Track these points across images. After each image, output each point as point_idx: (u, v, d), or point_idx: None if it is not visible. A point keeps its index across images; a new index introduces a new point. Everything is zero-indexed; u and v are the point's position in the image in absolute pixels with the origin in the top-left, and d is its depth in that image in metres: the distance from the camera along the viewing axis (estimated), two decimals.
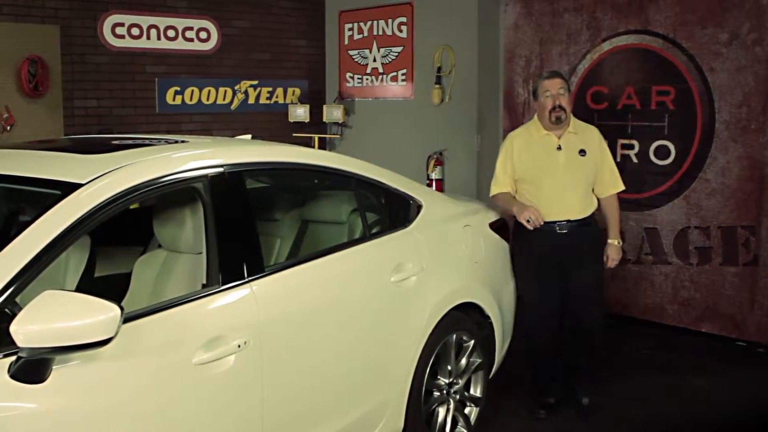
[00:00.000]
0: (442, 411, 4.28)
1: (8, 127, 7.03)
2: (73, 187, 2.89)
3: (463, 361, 4.37)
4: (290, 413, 3.36)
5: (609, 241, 4.91)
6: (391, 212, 4.24)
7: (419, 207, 4.28)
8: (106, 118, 7.64)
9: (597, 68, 6.97)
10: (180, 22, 8.11)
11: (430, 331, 4.03)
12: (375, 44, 8.72)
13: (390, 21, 8.55)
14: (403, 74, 8.44)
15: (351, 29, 8.96)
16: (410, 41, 8.36)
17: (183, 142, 3.71)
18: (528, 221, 4.64)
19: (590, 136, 4.89)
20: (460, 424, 4.37)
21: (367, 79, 8.81)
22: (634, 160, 6.76)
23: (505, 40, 7.69)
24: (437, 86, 7.99)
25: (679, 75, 6.45)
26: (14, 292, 2.56)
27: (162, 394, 2.84)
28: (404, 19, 8.42)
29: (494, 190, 4.93)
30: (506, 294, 4.80)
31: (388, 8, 8.53)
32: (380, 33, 8.65)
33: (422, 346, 3.99)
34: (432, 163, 7.83)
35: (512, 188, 4.89)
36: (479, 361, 4.47)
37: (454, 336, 4.26)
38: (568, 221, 4.76)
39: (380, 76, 8.68)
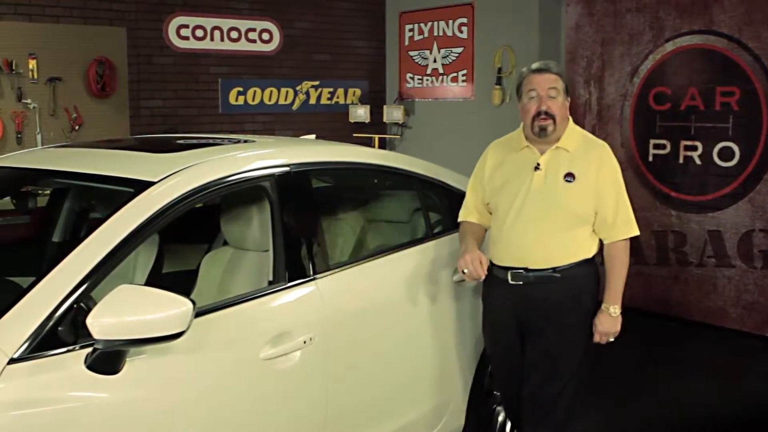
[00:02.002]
0: (502, 411, 4.29)
1: (76, 127, 7.21)
2: (146, 185, 2.96)
3: None
4: (353, 409, 3.40)
5: (603, 305, 3.61)
6: (454, 212, 4.24)
7: None
8: (171, 118, 7.78)
9: (660, 69, 6.91)
10: (243, 24, 8.23)
11: None
12: (435, 45, 8.74)
13: (450, 22, 8.57)
14: (463, 75, 8.45)
15: (411, 30, 8.99)
16: (471, 42, 8.37)
17: (250, 141, 3.77)
18: (464, 272, 3.53)
19: (591, 156, 3.55)
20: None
21: (427, 79, 8.84)
22: (698, 161, 6.68)
23: (566, 40, 7.65)
24: (497, 87, 7.99)
25: (745, 75, 6.37)
26: (90, 286, 2.64)
27: (230, 388, 2.90)
28: (465, 20, 8.43)
29: (460, 215, 3.85)
30: None
31: (449, 9, 8.55)
32: (441, 34, 8.68)
33: (483, 345, 4.01)
34: None
35: (482, 216, 3.77)
36: None
37: None
38: (525, 270, 3.54)
39: (440, 77, 8.70)
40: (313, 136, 4.58)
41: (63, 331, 2.54)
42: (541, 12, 7.70)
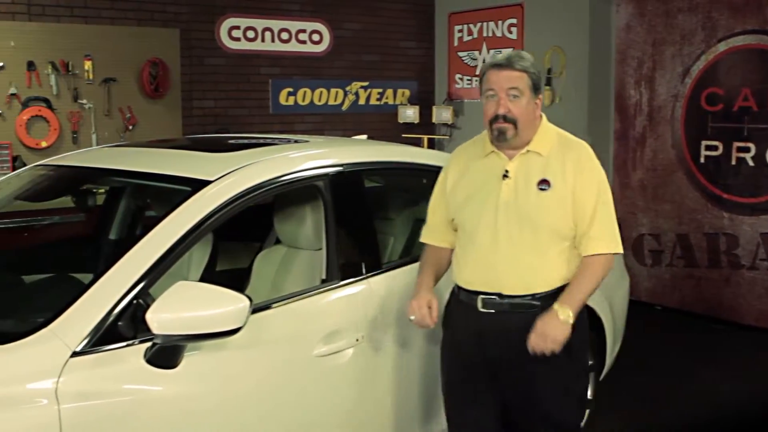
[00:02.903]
0: None
1: (130, 127, 7.33)
2: (203, 183, 3.02)
3: None
4: (401, 408, 3.43)
5: (554, 305, 2.97)
6: None
7: None
8: (222, 119, 7.88)
9: (712, 69, 6.84)
10: (293, 25, 8.30)
11: None
12: (485, 45, 8.74)
13: (500, 22, 8.56)
14: None
15: (461, 31, 9.00)
16: (520, 42, 8.36)
17: (303, 141, 3.83)
18: (411, 319, 3.13)
19: (568, 159, 3.04)
20: None
21: (476, 80, 8.84)
22: (750, 163, 6.60)
23: (616, 41, 7.60)
24: (547, 88, 7.97)
25: None
26: (148, 283, 2.71)
27: (284, 384, 2.96)
28: (514, 21, 8.42)
29: (421, 237, 3.37)
30: (618, 296, 4.75)
31: (498, 10, 8.54)
32: (490, 34, 8.67)
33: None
34: None
35: (445, 236, 3.27)
36: (590, 362, 4.45)
37: None
38: (499, 296, 3.04)
39: None
40: (364, 137, 4.62)
41: (123, 326, 2.61)
42: (591, 12, 7.66)
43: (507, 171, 3.06)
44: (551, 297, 3.00)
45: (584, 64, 7.72)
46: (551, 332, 2.93)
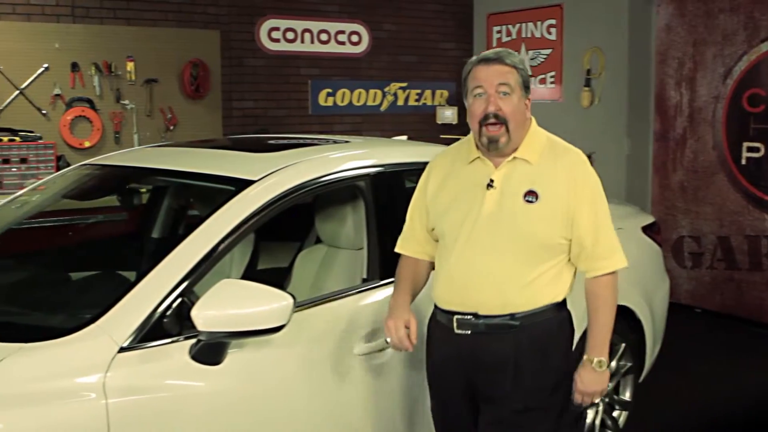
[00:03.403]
0: (590, 413, 4.28)
1: (171, 127, 7.41)
2: (246, 183, 3.06)
3: (613, 364, 4.35)
4: None
5: (585, 357, 2.89)
6: None
7: None
8: (262, 119, 7.94)
9: (754, 70, 6.77)
10: (332, 26, 8.34)
11: (581, 332, 4.03)
12: (523, 46, 8.72)
13: (539, 23, 8.54)
14: (551, 77, 8.42)
15: (499, 32, 8.99)
16: (559, 43, 8.33)
17: (344, 142, 3.86)
18: (387, 341, 2.92)
19: (560, 168, 2.80)
20: (608, 427, 4.36)
21: None
22: None
23: (656, 41, 7.55)
24: (586, 89, 7.94)
25: None
26: (193, 281, 2.75)
27: (325, 382, 2.98)
28: (553, 21, 8.39)
29: (397, 247, 3.10)
30: (658, 298, 4.74)
31: (537, 10, 8.52)
32: (529, 35, 8.65)
33: (573, 347, 4.00)
34: None
35: (424, 246, 3.02)
36: (629, 364, 4.44)
37: None
38: (475, 316, 2.81)
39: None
40: (404, 137, 4.64)
41: (168, 322, 2.66)
42: (631, 13, 7.62)
43: (492, 180, 2.80)
44: (530, 316, 2.78)
45: (624, 65, 7.68)
46: (593, 387, 2.89)
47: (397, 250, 3.07)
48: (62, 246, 4.52)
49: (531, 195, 2.77)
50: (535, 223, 2.74)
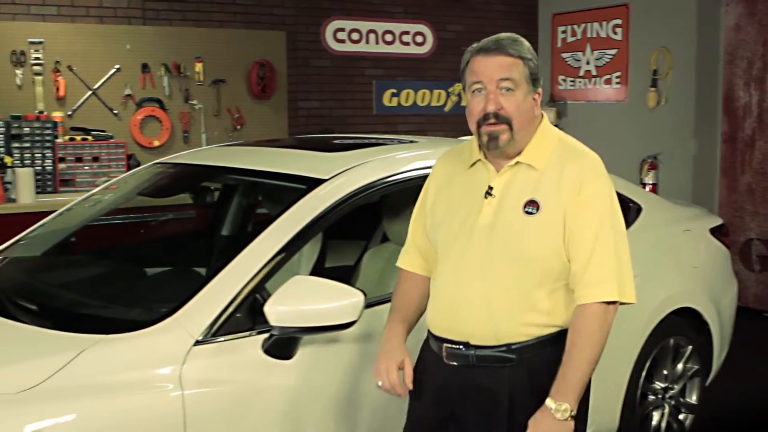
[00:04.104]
0: (656, 415, 4.25)
1: (238, 127, 7.53)
2: (317, 182, 3.12)
3: (680, 366, 4.32)
4: None
5: (547, 400, 2.33)
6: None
7: (638, 210, 4.27)
8: (327, 119, 8.02)
9: None
10: (397, 27, 8.39)
11: (648, 333, 4.02)
12: (588, 47, 8.67)
13: (604, 23, 8.48)
14: (617, 77, 8.36)
15: (564, 32, 8.95)
16: (625, 43, 8.26)
17: (411, 142, 3.89)
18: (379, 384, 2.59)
19: (567, 175, 2.41)
20: (674, 430, 4.33)
21: (579, 81, 8.78)
22: None
23: (725, 41, 7.45)
24: (653, 89, 7.86)
25: None
26: (266, 277, 2.81)
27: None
28: (619, 21, 8.33)
29: (398, 260, 2.79)
30: (726, 301, 4.69)
31: (603, 10, 8.46)
32: (594, 35, 8.60)
33: (639, 348, 3.99)
34: (646, 167, 7.71)
35: (427, 261, 2.68)
36: (696, 367, 4.40)
37: (672, 340, 4.22)
38: (465, 346, 2.46)
39: (593, 79, 8.62)
40: (470, 138, 4.65)
41: (241, 317, 2.73)
42: (699, 12, 7.53)
43: (491, 187, 2.45)
44: (529, 347, 2.41)
45: (691, 65, 7.59)
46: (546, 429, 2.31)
47: (398, 264, 2.76)
48: (137, 242, 4.63)
49: (531, 205, 2.39)
50: (534, 239, 2.37)
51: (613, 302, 2.38)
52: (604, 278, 2.35)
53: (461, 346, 2.45)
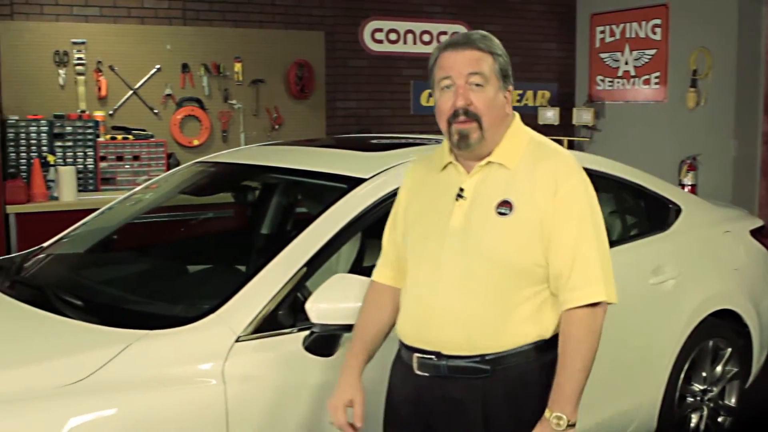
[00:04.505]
0: (695, 418, 4.23)
1: (276, 126, 7.58)
2: (358, 181, 3.14)
3: (719, 368, 4.30)
4: None
5: (546, 411, 2.24)
6: (650, 215, 4.24)
7: (678, 211, 4.25)
8: (364, 119, 8.06)
9: None
10: (435, 27, 8.41)
11: (687, 335, 4.00)
12: (627, 47, 8.63)
13: (643, 23, 8.43)
14: (656, 77, 8.31)
15: (602, 32, 8.91)
16: (664, 43, 8.21)
17: None
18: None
19: (540, 175, 2.31)
20: None
21: (618, 82, 8.74)
22: None
23: (766, 41, 7.39)
24: (692, 89, 7.81)
25: None
26: (307, 275, 2.84)
27: None
28: (658, 21, 8.28)
29: (373, 274, 2.65)
30: (766, 303, 4.65)
31: (642, 10, 8.42)
32: (633, 35, 8.56)
33: (678, 350, 3.97)
34: (685, 168, 7.66)
35: (401, 274, 2.53)
36: (735, 370, 4.37)
37: (711, 342, 4.19)
38: (438, 357, 2.34)
39: (632, 79, 8.58)
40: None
41: (282, 315, 2.76)
42: (740, 12, 7.46)
43: (462, 189, 2.37)
44: (505, 358, 2.29)
45: (731, 66, 7.53)
46: None
47: (372, 278, 2.63)
48: (178, 239, 4.69)
49: (504, 206, 2.29)
50: (508, 241, 2.28)
51: (600, 303, 2.28)
52: (590, 279, 2.26)
53: (432, 356, 2.34)
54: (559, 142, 8.46)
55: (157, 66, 7.11)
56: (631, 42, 8.59)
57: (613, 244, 3.88)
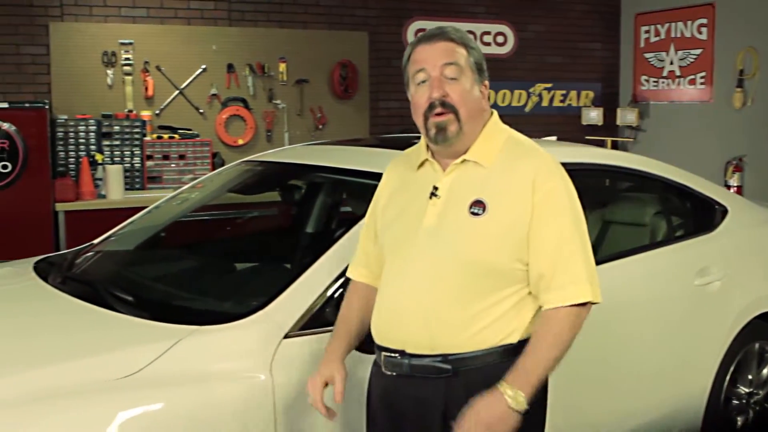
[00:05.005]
0: (740, 420, 4.20)
1: (320, 126, 7.63)
2: None
3: (765, 371, 4.26)
4: (591, 407, 3.47)
5: (501, 385, 2.12)
6: (696, 216, 4.21)
7: (724, 212, 4.22)
8: (407, 119, 7.95)
9: None
10: (478, 27, 8.40)
11: (732, 337, 3.97)
12: (672, 46, 8.56)
13: (689, 23, 8.37)
14: (701, 77, 8.24)
15: (647, 31, 8.85)
16: (710, 43, 8.14)
17: None
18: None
19: (518, 174, 2.25)
20: None
21: (663, 82, 8.68)
22: None
23: None
24: (739, 90, 7.73)
25: None
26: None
27: None
28: (704, 21, 8.21)
29: (348, 271, 2.63)
30: None
31: (688, 9, 8.35)
32: (678, 35, 8.49)
33: (724, 352, 3.94)
34: (731, 169, 7.59)
35: (373, 271, 2.53)
36: None
37: (757, 345, 4.16)
38: (401, 355, 2.31)
39: (677, 80, 8.52)
40: (554, 138, 4.66)
41: (329, 312, 2.78)
42: None
43: (436, 188, 2.31)
44: (468, 360, 2.23)
45: None
46: (489, 420, 2.10)
47: (347, 274, 2.61)
48: (226, 237, 4.75)
49: (477, 206, 2.24)
50: (479, 242, 2.21)
51: (585, 304, 2.23)
52: (575, 279, 2.21)
53: (397, 355, 2.31)
54: (602, 143, 8.48)
55: (203, 66, 7.19)
56: (676, 42, 8.52)
57: (658, 245, 3.95)
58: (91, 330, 2.82)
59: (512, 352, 2.22)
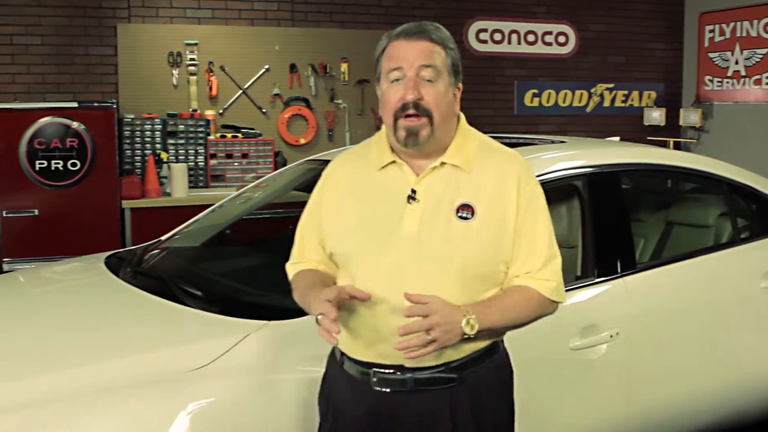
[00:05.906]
0: None
1: (380, 125, 7.64)
2: None
3: None
4: (654, 407, 3.46)
5: (462, 306, 2.10)
6: (761, 218, 4.17)
7: None
8: (468, 119, 8.06)
9: None
10: (539, 27, 8.38)
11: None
12: (738, 46, 8.45)
13: (755, 22, 8.24)
14: (767, 77, 8.12)
15: (712, 31, 8.74)
16: None
17: (561, 142, 3.93)
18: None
19: (502, 178, 2.23)
20: None
21: (727, 82, 8.56)
22: None
23: None
24: None
25: None
26: None
27: (542, 374, 3.07)
28: None
29: (288, 270, 2.50)
30: None
31: (754, 8, 8.23)
32: (744, 34, 8.37)
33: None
34: None
35: (319, 260, 2.39)
36: None
37: None
38: (401, 370, 2.19)
39: (742, 80, 8.40)
40: (617, 139, 4.64)
41: None
42: None
43: (414, 191, 2.20)
44: (469, 364, 2.19)
45: None
46: (443, 320, 2.03)
47: (289, 274, 2.48)
48: (291, 235, 4.81)
49: (465, 210, 2.17)
50: (471, 246, 2.16)
51: (557, 304, 2.28)
52: (557, 278, 2.24)
53: (394, 371, 2.18)
54: (664, 143, 8.39)
55: (266, 66, 7.28)
56: (741, 41, 8.40)
57: (723, 246, 3.92)
58: (162, 323, 2.91)
59: (493, 349, 2.26)
